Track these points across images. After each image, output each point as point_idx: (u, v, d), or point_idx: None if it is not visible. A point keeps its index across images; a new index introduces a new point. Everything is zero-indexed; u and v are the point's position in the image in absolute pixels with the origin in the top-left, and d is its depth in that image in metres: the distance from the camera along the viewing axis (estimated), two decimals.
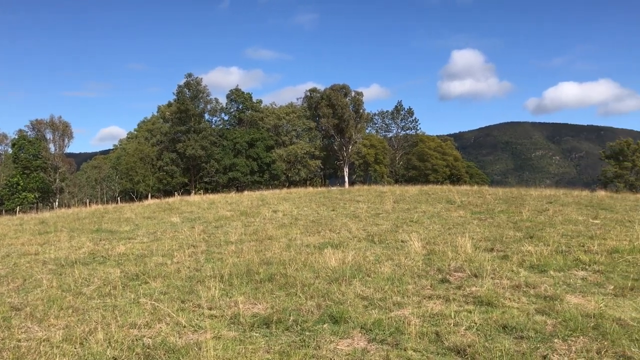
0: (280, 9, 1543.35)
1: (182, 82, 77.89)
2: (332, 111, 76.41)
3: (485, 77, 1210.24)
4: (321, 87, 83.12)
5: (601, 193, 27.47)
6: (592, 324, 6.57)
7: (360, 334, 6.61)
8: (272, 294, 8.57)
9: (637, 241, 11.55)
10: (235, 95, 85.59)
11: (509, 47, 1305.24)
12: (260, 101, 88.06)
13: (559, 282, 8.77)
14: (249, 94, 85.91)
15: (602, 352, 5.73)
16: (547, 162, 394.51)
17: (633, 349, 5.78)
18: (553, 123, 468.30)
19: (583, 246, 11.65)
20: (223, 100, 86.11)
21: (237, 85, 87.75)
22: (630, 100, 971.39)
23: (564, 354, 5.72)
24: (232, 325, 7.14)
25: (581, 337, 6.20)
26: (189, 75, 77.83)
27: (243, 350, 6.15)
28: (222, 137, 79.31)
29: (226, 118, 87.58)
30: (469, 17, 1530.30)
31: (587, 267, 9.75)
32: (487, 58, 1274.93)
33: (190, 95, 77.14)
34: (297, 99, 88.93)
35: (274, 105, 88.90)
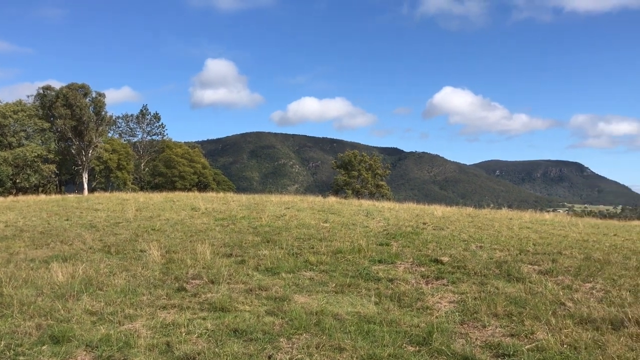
0: None
1: None
2: (70, 112, 70.52)
3: (238, 88, 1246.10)
4: (59, 85, 75.92)
5: (332, 199, 30.28)
6: (315, 321, 7.14)
7: (85, 352, 6.15)
8: None
9: (357, 242, 12.95)
10: None
11: (260, 62, 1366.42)
12: None
13: (289, 283, 9.36)
14: None
15: (321, 347, 6.26)
16: (289, 170, 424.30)
17: (346, 341, 6.43)
18: (294, 134, 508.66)
19: (313, 248, 12.66)
20: None
21: None
22: (360, 117, 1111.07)
23: (287, 352, 6.10)
24: None
25: (304, 334, 6.68)
26: None
27: None
28: None
29: None
30: (224, 28, 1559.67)
31: (314, 267, 10.62)
32: (241, 70, 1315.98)
33: None
34: (28, 97, 79.64)
35: None
